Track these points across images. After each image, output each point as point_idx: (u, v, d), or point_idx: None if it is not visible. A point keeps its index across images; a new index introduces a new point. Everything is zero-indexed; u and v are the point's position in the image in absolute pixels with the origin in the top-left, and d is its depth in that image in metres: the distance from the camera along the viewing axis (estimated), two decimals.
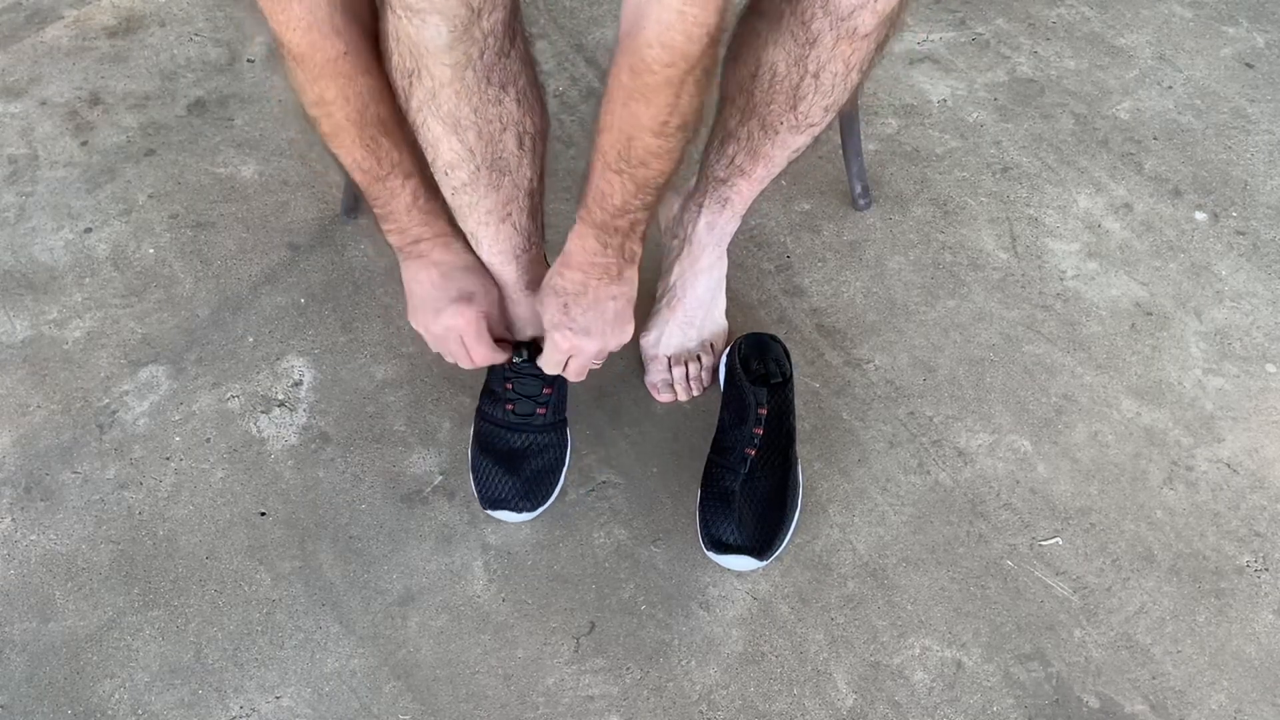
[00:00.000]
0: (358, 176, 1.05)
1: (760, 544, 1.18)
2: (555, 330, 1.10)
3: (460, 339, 1.14)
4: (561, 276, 1.08)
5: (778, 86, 1.11)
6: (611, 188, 0.98)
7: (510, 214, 1.12)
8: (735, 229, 1.31)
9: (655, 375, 1.34)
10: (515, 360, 1.20)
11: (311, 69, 0.96)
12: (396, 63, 0.98)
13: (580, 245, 1.05)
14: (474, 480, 1.25)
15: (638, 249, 1.06)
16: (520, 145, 1.07)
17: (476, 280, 1.13)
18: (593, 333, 1.10)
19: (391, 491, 1.27)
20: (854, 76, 1.10)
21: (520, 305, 1.21)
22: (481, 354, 1.15)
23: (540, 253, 1.21)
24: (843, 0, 1.02)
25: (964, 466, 1.29)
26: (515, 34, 0.99)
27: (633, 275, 1.09)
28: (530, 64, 1.04)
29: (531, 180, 1.11)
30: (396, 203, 1.07)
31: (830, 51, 1.06)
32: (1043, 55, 1.73)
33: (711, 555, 1.19)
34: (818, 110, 1.13)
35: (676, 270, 1.33)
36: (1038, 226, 1.51)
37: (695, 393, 1.33)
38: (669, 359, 1.34)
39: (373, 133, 1.01)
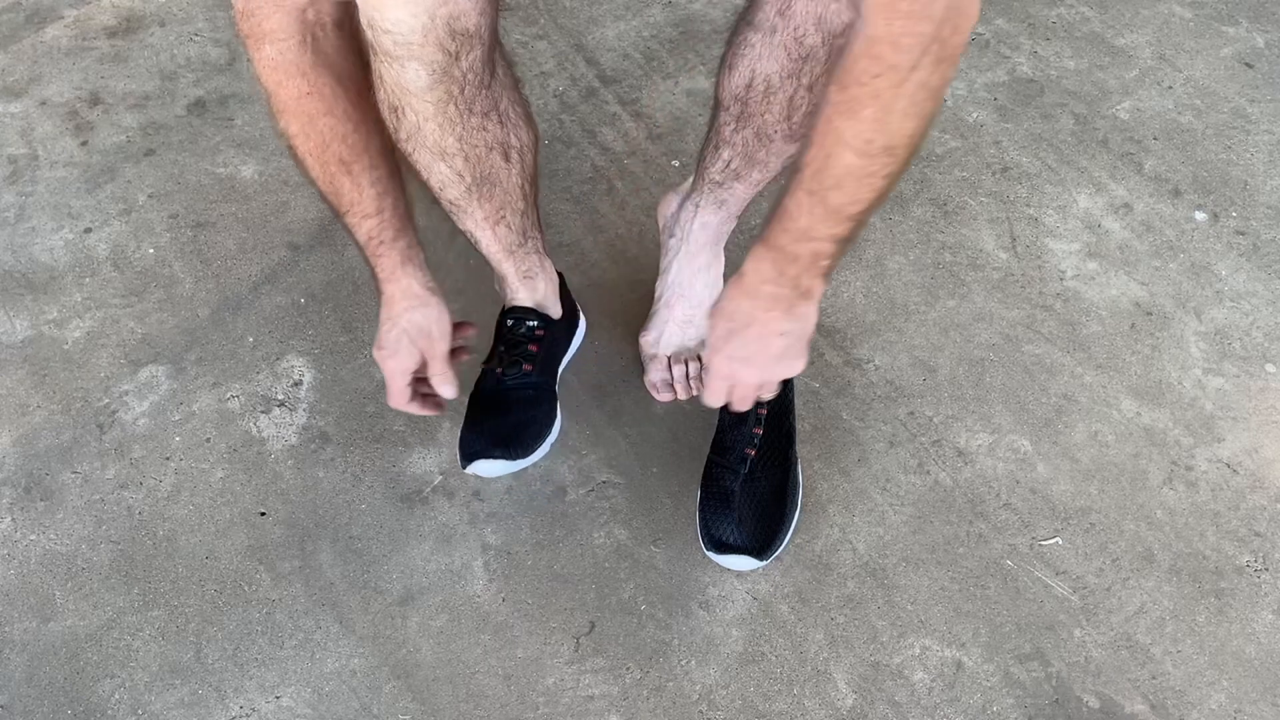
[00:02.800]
0: (327, 205, 1.08)
1: (760, 544, 1.18)
2: (715, 354, 1.04)
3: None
4: (731, 301, 1.01)
5: (773, 98, 1.11)
6: (800, 208, 0.93)
7: (504, 216, 1.16)
8: (731, 229, 1.32)
9: (655, 374, 1.34)
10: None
11: (278, 103, 1.01)
12: (383, 98, 1.01)
13: (755, 269, 0.98)
14: (459, 446, 1.24)
15: (816, 285, 0.98)
16: (507, 159, 1.10)
17: (413, 327, 1.11)
18: (754, 364, 1.03)
19: (391, 491, 1.27)
20: None
21: (519, 293, 1.26)
22: (394, 402, 1.15)
23: (537, 245, 1.24)
24: (836, 18, 1.02)
25: (964, 466, 1.29)
26: (495, 65, 1.02)
27: (808, 311, 1.00)
28: (512, 85, 1.07)
29: (522, 185, 1.15)
30: (356, 236, 1.09)
31: (824, 66, 1.06)
32: (1043, 55, 1.73)
33: (711, 555, 1.19)
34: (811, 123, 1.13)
35: (674, 269, 1.33)
36: (1038, 226, 1.51)
37: (695, 392, 1.33)
38: (669, 358, 1.34)
39: (332, 171, 1.05)
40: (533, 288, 1.27)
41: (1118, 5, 1.80)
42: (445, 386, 1.14)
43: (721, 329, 1.03)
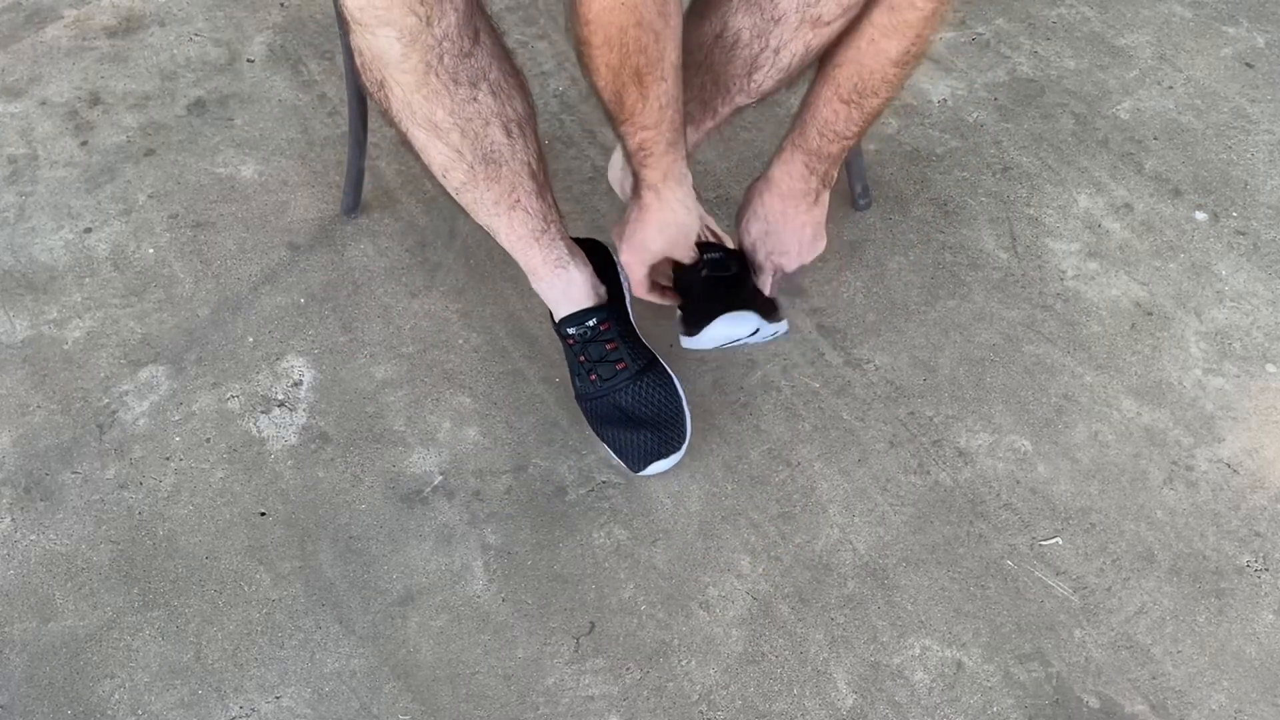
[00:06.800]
0: (602, 110, 1.07)
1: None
2: (757, 254, 1.22)
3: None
4: (763, 204, 1.19)
5: (738, 52, 1.12)
6: (838, 117, 1.10)
7: (518, 199, 1.12)
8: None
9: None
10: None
11: (588, 12, 0.96)
12: (368, 75, 1.00)
13: (786, 172, 1.16)
14: (614, 453, 1.26)
15: (833, 173, 1.17)
16: (509, 134, 1.07)
17: (669, 227, 1.16)
18: (791, 253, 1.22)
19: (391, 491, 1.27)
20: (811, 59, 1.11)
21: (553, 286, 1.20)
22: (639, 291, 1.21)
23: (559, 230, 1.19)
24: None
25: (964, 466, 1.29)
26: (477, 32, 1.00)
27: (826, 198, 1.19)
28: (501, 56, 1.05)
29: (530, 163, 1.11)
30: (627, 144, 1.09)
31: (793, 32, 1.07)
32: (1043, 55, 1.73)
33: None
34: (770, 83, 1.14)
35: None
36: (1038, 226, 1.51)
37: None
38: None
39: (623, 81, 1.01)
40: (568, 279, 1.20)
41: (1118, 5, 1.80)
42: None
43: (757, 230, 1.20)
